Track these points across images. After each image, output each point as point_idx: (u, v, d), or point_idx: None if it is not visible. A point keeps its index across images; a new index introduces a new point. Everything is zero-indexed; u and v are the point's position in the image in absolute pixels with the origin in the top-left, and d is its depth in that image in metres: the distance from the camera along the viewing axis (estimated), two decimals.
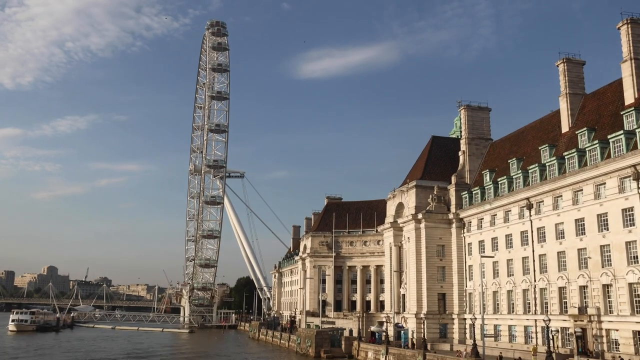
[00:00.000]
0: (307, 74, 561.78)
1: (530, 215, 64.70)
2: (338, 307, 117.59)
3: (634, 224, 50.02)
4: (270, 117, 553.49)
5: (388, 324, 78.45)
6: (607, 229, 53.00)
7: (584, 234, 55.94)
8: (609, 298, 52.57)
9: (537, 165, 65.03)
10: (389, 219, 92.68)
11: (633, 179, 50.20)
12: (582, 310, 54.50)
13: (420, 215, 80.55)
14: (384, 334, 73.27)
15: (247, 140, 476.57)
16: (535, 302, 62.78)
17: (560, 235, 59.60)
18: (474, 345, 53.98)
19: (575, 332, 53.72)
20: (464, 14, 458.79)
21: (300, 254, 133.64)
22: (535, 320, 62.27)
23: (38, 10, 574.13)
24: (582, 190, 56.72)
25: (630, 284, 50.01)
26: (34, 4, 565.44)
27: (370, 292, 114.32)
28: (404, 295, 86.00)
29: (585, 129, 60.79)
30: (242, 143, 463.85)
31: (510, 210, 69.09)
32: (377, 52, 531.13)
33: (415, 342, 70.63)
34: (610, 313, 52.06)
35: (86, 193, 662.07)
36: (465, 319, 76.26)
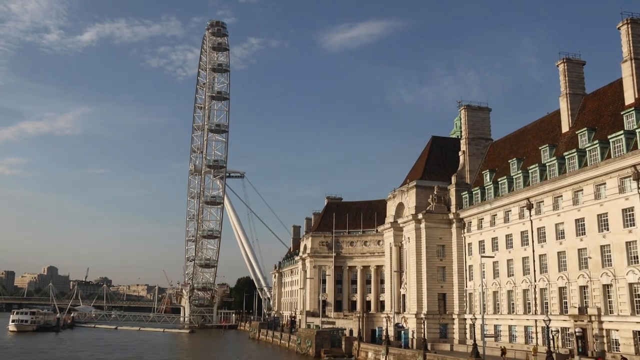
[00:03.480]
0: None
1: (531, 216, 64.69)
2: (338, 307, 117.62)
3: (634, 224, 50.02)
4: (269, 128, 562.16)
5: (388, 324, 78.49)
6: (607, 229, 52.98)
7: (584, 234, 55.93)
8: (609, 298, 52.56)
9: (537, 165, 65.00)
10: (389, 219, 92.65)
11: (633, 179, 50.19)
12: (583, 310, 54.48)
13: (420, 215, 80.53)
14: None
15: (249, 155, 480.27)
16: (536, 302, 62.76)
17: (560, 235, 59.59)
18: (474, 345, 54.06)
19: (575, 332, 53.64)
20: (457, 83, 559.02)
21: (301, 254, 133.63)
22: (536, 321, 62.25)
23: None
24: (582, 190, 56.72)
25: (630, 284, 50.00)
26: None
27: (370, 292, 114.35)
28: (404, 295, 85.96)
29: (585, 129, 60.78)
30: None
31: (510, 210, 69.09)
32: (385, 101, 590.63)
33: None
34: (610, 313, 52.05)
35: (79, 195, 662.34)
36: (465, 319, 76.27)
